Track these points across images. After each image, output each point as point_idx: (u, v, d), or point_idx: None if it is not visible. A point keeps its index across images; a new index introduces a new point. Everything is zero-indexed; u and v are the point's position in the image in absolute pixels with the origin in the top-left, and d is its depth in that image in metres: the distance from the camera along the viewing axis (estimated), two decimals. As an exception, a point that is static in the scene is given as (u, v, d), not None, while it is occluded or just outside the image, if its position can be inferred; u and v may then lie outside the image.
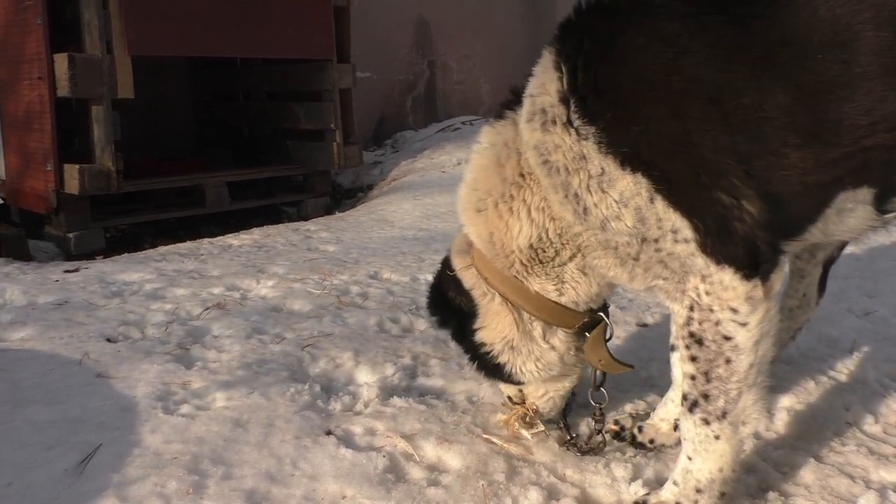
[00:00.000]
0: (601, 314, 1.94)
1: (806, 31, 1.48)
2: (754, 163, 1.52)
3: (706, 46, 1.51)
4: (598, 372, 2.03)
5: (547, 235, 1.77)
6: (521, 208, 1.77)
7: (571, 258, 1.80)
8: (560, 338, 1.93)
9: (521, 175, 1.76)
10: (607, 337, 1.97)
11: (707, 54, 1.51)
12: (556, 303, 1.86)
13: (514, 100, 1.80)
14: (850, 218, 1.68)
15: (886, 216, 1.71)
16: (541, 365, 1.94)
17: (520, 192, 1.77)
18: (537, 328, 1.91)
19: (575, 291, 1.85)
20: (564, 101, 1.59)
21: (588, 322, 1.92)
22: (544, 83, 1.64)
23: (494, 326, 1.92)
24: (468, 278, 1.92)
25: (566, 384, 2.06)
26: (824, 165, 1.54)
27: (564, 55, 1.60)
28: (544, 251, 1.80)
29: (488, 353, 1.93)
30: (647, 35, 1.54)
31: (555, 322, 1.91)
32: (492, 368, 1.97)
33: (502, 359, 1.93)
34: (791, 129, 1.51)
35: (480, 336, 1.93)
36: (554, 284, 1.84)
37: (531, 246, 1.79)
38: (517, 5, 11.01)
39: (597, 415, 2.05)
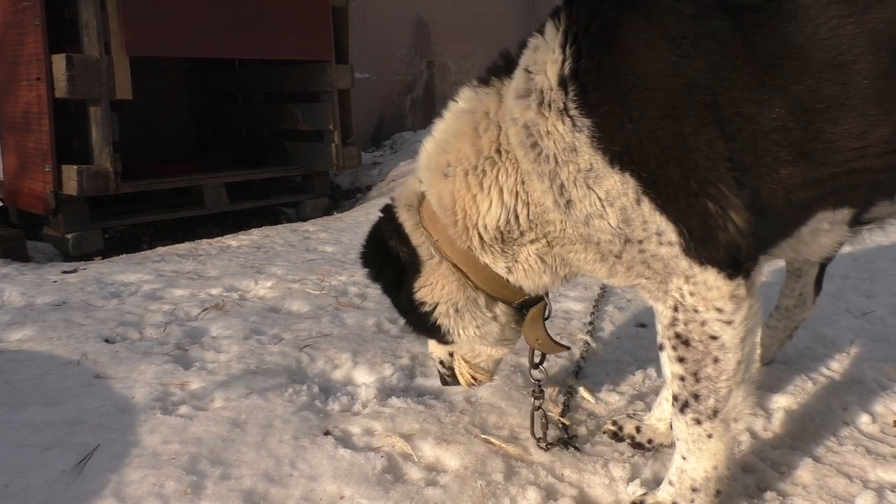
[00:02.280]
0: (540, 296, 1.95)
1: (808, 47, 1.47)
2: (746, 173, 1.51)
3: (709, 52, 1.49)
4: (535, 350, 2.05)
5: (516, 219, 1.73)
6: (492, 187, 1.70)
7: (532, 242, 1.76)
8: (501, 309, 1.94)
9: (498, 151, 1.69)
10: (546, 316, 1.98)
11: (709, 60, 1.48)
12: (501, 277, 1.84)
13: (503, 67, 1.74)
14: (824, 237, 1.68)
15: (860, 228, 1.72)
16: (480, 332, 1.94)
17: (493, 169, 1.70)
18: (481, 297, 1.90)
19: (525, 275, 1.82)
20: (563, 85, 1.54)
21: (528, 299, 1.92)
22: (545, 61, 1.57)
23: (440, 287, 1.88)
24: (416, 236, 1.87)
25: (498, 353, 2.06)
26: (811, 184, 1.53)
27: (572, 36, 1.55)
28: (509, 233, 1.75)
29: (428, 311, 1.90)
30: (654, 31, 1.51)
31: (497, 295, 1.90)
32: (428, 327, 1.94)
33: (442, 320, 1.91)
34: (783, 145, 1.50)
35: (422, 294, 1.89)
36: (506, 263, 1.81)
37: (497, 227, 1.74)
38: (515, 6, 11.02)
39: (535, 392, 2.08)
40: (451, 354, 2.07)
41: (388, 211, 1.97)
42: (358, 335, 2.89)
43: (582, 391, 2.38)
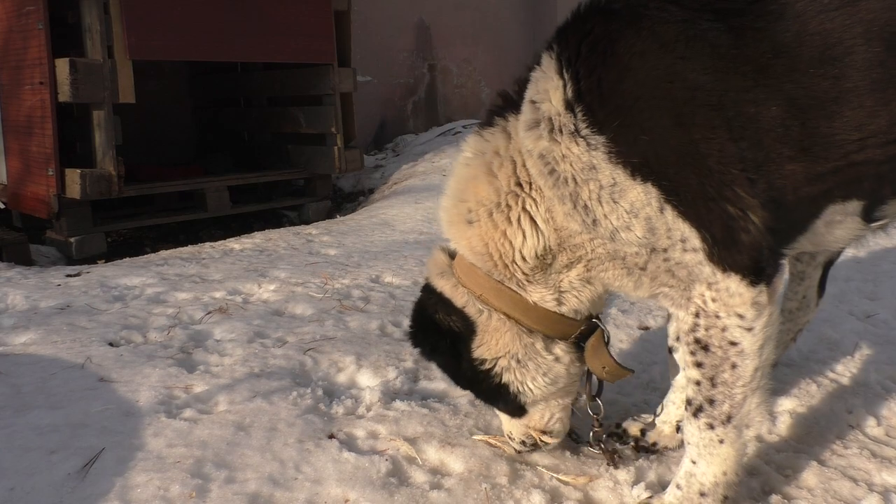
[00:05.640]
0: (595, 321, 1.88)
1: (796, 45, 1.48)
2: (757, 172, 1.52)
3: (702, 54, 1.50)
4: (595, 380, 1.98)
5: (549, 245, 1.72)
6: (523, 218, 1.70)
7: (570, 267, 1.75)
8: (562, 348, 1.86)
9: (519, 184, 1.69)
10: (606, 341, 1.91)
11: (704, 62, 1.50)
12: (554, 312, 1.80)
13: (504, 106, 1.75)
14: (839, 229, 1.68)
15: (874, 224, 1.72)
16: (549, 379, 1.85)
17: (518, 202, 1.70)
18: (538, 340, 1.83)
19: (577, 300, 1.79)
20: (570, 109, 1.56)
21: (584, 330, 1.86)
22: (547, 90, 1.60)
23: (495, 343, 1.81)
24: (458, 297, 1.82)
25: (568, 400, 1.97)
26: (815, 178, 1.54)
27: (565, 60, 1.58)
28: (545, 260, 1.74)
29: (490, 371, 1.83)
30: (645, 40, 1.53)
31: (553, 333, 1.83)
32: (495, 389, 1.85)
33: (507, 377, 1.83)
34: (784, 142, 1.51)
35: (480, 353, 1.82)
36: (552, 294, 1.78)
37: (536, 255, 1.72)
38: (517, 9, 11.04)
39: (595, 426, 2.01)
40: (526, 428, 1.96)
41: (425, 288, 1.91)
42: (361, 338, 2.89)
43: (585, 394, 2.38)
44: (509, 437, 2.01)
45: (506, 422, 1.99)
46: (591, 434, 2.03)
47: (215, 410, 2.30)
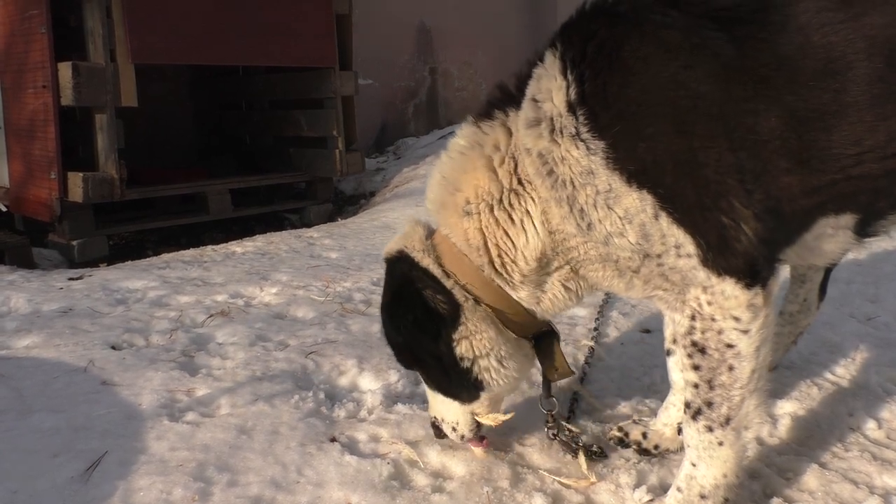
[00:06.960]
0: (549, 322, 1.92)
1: (799, 57, 1.48)
2: (755, 182, 1.52)
3: (705, 62, 1.50)
4: (546, 380, 2.03)
5: (545, 250, 1.72)
6: (524, 219, 1.69)
7: (557, 269, 1.76)
8: (528, 347, 1.91)
9: (520, 183, 1.68)
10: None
11: (707, 70, 1.50)
12: (527, 312, 1.82)
13: (503, 99, 1.73)
14: (828, 243, 1.69)
15: (866, 239, 1.72)
16: (518, 375, 1.91)
17: (520, 202, 1.69)
18: (511, 337, 1.86)
19: (551, 304, 1.81)
20: (572, 111, 1.55)
21: (542, 331, 1.91)
22: (549, 89, 1.59)
23: (481, 336, 1.80)
24: (445, 282, 1.80)
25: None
26: (810, 191, 1.55)
27: (570, 61, 1.56)
28: (548, 263, 1.75)
29: (470, 365, 1.82)
30: (651, 46, 1.53)
31: (521, 332, 1.87)
32: (469, 383, 1.85)
33: (483, 374, 1.83)
34: (781, 154, 1.51)
35: (464, 348, 1.80)
36: (537, 294, 1.79)
37: (537, 259, 1.72)
38: (517, 12, 11.05)
39: (549, 422, 2.04)
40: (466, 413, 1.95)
41: (407, 260, 1.83)
42: (363, 341, 2.90)
43: (587, 397, 2.39)
44: (443, 421, 1.98)
45: (443, 409, 1.96)
46: (546, 429, 2.06)
47: (217, 414, 2.30)
